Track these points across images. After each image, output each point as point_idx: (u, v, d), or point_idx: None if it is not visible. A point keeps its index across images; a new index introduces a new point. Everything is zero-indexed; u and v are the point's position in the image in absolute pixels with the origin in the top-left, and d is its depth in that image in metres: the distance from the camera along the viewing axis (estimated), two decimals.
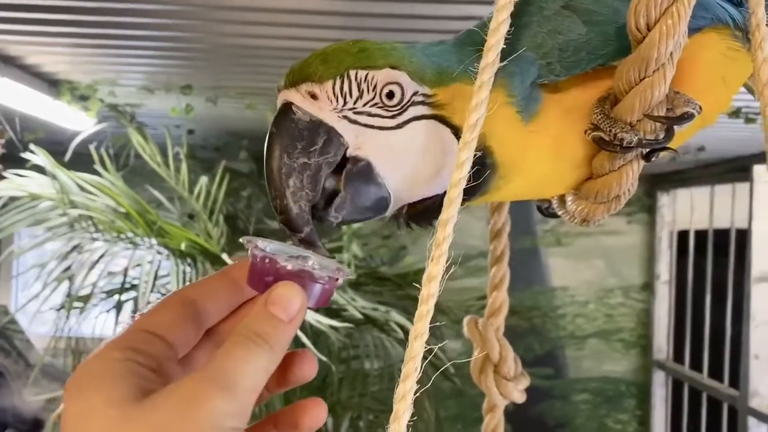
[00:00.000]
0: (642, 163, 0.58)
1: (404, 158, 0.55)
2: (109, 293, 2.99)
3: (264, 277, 0.50)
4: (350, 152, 0.54)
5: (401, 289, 3.28)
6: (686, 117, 0.54)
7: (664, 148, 0.56)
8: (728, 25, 0.59)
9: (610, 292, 4.64)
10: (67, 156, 2.89)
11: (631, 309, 4.63)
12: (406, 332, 2.93)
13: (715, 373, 3.93)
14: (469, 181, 0.51)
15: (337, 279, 0.52)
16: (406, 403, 0.51)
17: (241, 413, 0.44)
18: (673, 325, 4.48)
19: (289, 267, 0.50)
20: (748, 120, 2.65)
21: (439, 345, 0.56)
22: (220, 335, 0.52)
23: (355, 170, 0.54)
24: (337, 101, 0.53)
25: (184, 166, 3.07)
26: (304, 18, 1.94)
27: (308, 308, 0.51)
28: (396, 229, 0.62)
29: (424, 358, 0.55)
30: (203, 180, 3.09)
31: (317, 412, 0.53)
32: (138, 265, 2.95)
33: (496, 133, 0.54)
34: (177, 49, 2.29)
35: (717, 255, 4.04)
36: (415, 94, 0.55)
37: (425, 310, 0.52)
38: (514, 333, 4.59)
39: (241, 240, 0.54)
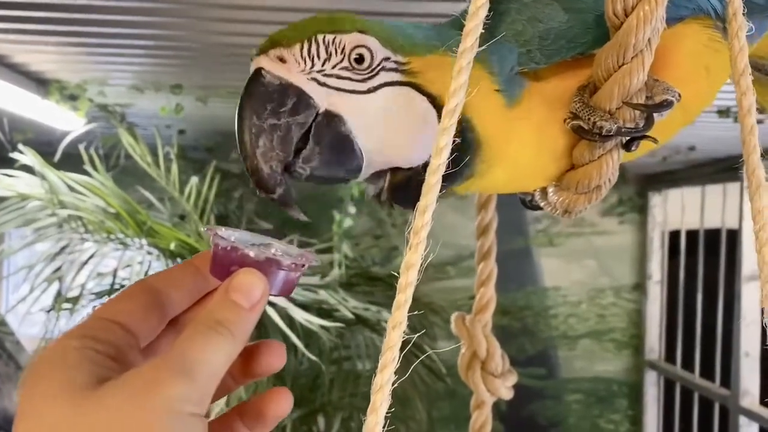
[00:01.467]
0: (622, 152, 0.58)
1: (378, 122, 0.55)
2: (99, 294, 2.97)
3: (226, 265, 0.50)
4: (322, 108, 0.54)
5: (393, 290, 3.26)
6: (665, 104, 0.54)
7: (644, 137, 0.56)
8: (710, 15, 0.59)
9: (602, 292, 4.65)
10: (57, 156, 2.88)
11: (623, 309, 4.63)
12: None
13: (707, 372, 3.95)
14: (452, 154, 0.50)
15: (303, 266, 0.51)
16: (383, 394, 0.50)
17: (200, 399, 0.43)
18: (665, 325, 4.49)
19: (252, 254, 0.49)
20: (764, 108, 2.66)
21: (416, 335, 0.55)
22: (184, 325, 0.52)
23: (325, 122, 0.54)
24: (305, 63, 0.54)
25: (174, 167, 3.06)
26: (296, 16, 1.94)
27: (273, 295, 0.50)
28: (379, 206, 0.61)
29: (412, 354, 0.55)
30: (194, 180, 3.08)
31: (282, 401, 0.52)
32: (128, 265, 2.94)
33: (478, 106, 0.54)
34: (167, 48, 2.28)
35: (708, 255, 4.05)
36: (386, 59, 0.55)
37: (403, 299, 0.51)
38: (507, 333, 4.59)
39: (201, 229, 0.53)
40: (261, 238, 0.53)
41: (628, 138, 0.56)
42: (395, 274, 0.54)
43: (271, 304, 2.64)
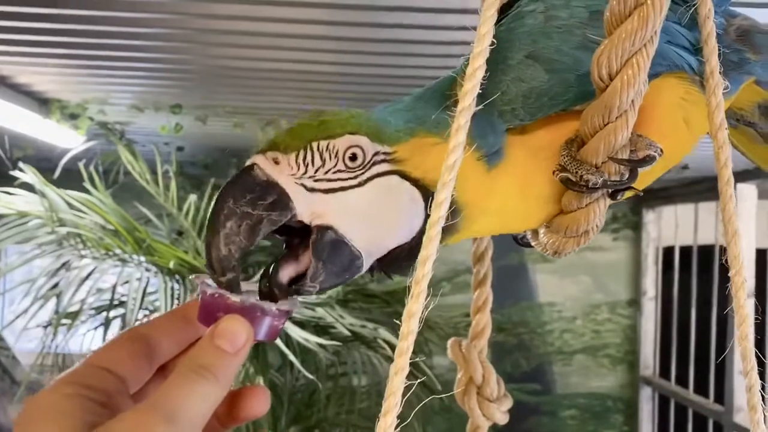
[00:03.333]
0: (608, 201, 0.61)
1: (368, 216, 0.57)
2: (98, 310, 2.99)
3: (213, 312, 0.52)
4: (312, 221, 0.56)
5: (389, 306, 3.30)
6: (648, 159, 0.57)
7: (629, 188, 0.59)
8: (685, 70, 0.62)
9: (597, 308, 4.68)
10: (56, 173, 2.90)
11: (617, 325, 4.66)
12: (394, 349, 2.94)
13: (701, 388, 3.97)
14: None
15: (288, 312, 0.53)
16: None
17: None
18: (660, 341, 4.51)
19: (237, 301, 0.51)
20: (744, 155, 2.71)
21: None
22: (172, 371, 0.53)
23: (321, 238, 0.56)
24: (299, 169, 0.56)
25: (173, 183, 3.08)
26: (290, 42, 1.98)
27: (257, 341, 0.53)
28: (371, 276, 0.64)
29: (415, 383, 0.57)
30: (192, 197, 3.11)
31: (260, 396, 0.54)
32: (126, 282, 2.96)
33: (459, 180, 0.57)
34: (167, 69, 2.32)
35: (702, 271, 4.08)
36: (376, 154, 0.57)
37: (405, 346, 0.53)
38: (502, 349, 4.62)
39: (190, 278, 0.55)
40: (249, 285, 0.55)
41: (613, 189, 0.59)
42: (404, 295, 0.55)
43: None
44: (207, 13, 1.78)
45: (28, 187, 2.85)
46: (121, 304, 2.97)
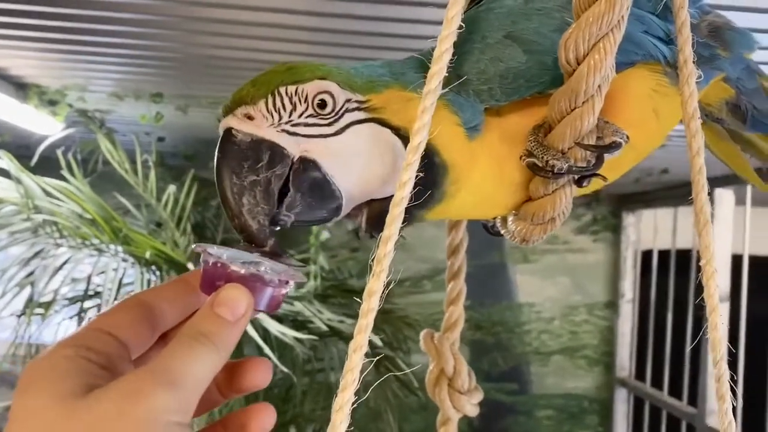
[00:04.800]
0: (574, 188, 0.61)
1: (351, 160, 0.57)
2: (72, 300, 2.95)
3: (215, 281, 0.52)
4: (296, 155, 0.56)
5: None
6: (614, 146, 0.57)
7: (595, 174, 0.59)
8: (659, 61, 0.63)
9: (575, 309, 4.71)
10: (34, 160, 2.86)
11: (595, 326, 4.70)
12: (371, 345, 2.94)
13: (675, 391, 4.01)
14: (422, 183, 0.53)
15: (287, 282, 0.53)
16: (343, 414, 0.53)
17: (183, 409, 0.45)
18: (636, 343, 4.55)
19: (240, 271, 0.51)
20: (712, 152, 2.74)
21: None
22: None
23: (302, 168, 0.56)
24: (273, 117, 0.56)
25: (152, 174, 3.05)
26: (276, 32, 1.97)
27: (260, 312, 0.53)
28: (359, 240, 0.64)
29: (384, 368, 0.57)
30: (171, 188, 3.08)
31: (265, 417, 0.54)
32: (102, 272, 2.93)
33: (442, 135, 0.57)
34: (148, 57, 2.29)
35: (679, 275, 4.13)
36: (348, 101, 0.57)
37: (365, 323, 0.54)
38: (480, 347, 4.63)
39: (192, 246, 0.56)
40: (251, 256, 0.55)
41: (579, 175, 0.59)
42: (384, 291, 0.55)
43: None
44: (191, 0, 1.77)
45: (4, 173, 2.81)
46: (97, 294, 2.93)
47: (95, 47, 2.19)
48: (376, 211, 0.59)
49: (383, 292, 0.53)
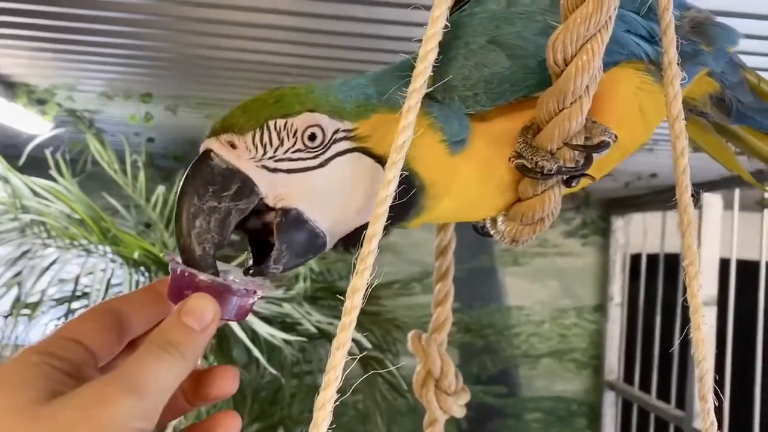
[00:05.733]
0: (563, 188, 0.61)
1: (332, 196, 0.57)
2: (60, 301, 2.93)
3: (183, 290, 0.52)
4: (276, 203, 0.55)
5: None
6: (603, 145, 0.58)
7: (583, 175, 0.59)
8: (642, 60, 0.63)
9: (564, 313, 4.72)
10: (22, 160, 2.84)
11: (584, 329, 4.71)
12: (360, 347, 2.94)
13: (663, 394, 4.03)
14: (398, 199, 0.53)
15: (255, 292, 0.53)
16: (325, 412, 0.53)
17: (147, 416, 0.45)
18: (624, 347, 4.57)
19: (207, 280, 0.52)
20: (697, 149, 2.76)
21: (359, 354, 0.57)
22: None
23: (285, 221, 0.55)
24: (257, 151, 0.55)
25: (141, 174, 3.04)
26: (266, 32, 1.96)
27: (226, 320, 0.52)
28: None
29: (373, 369, 0.57)
30: (161, 189, 3.06)
31: (231, 424, 0.54)
32: (90, 273, 2.90)
33: (422, 157, 0.57)
34: (138, 57, 2.28)
35: (667, 279, 4.15)
36: (336, 131, 0.57)
37: (348, 321, 0.54)
38: (469, 350, 4.63)
39: (161, 255, 0.55)
40: (222, 265, 0.55)
41: (568, 176, 0.59)
42: (374, 293, 0.55)
43: None
44: (181, 0, 1.76)
45: None
46: (85, 295, 2.91)
47: (85, 46, 2.18)
48: (352, 235, 0.59)
49: (366, 291, 0.52)
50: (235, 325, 2.62)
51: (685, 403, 3.65)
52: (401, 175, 0.52)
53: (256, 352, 2.61)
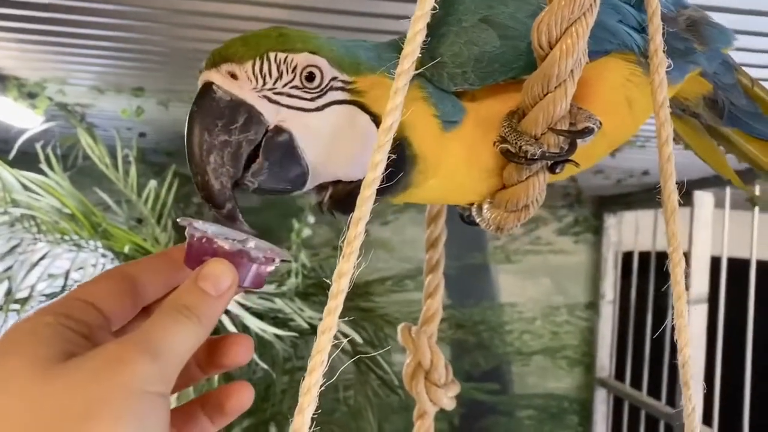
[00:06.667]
0: (548, 174, 0.61)
1: (324, 138, 0.57)
2: (49, 296, 2.92)
3: (200, 256, 0.52)
4: (272, 123, 0.55)
5: (350, 301, 3.28)
6: (587, 131, 0.58)
7: (567, 161, 0.59)
8: (633, 51, 0.63)
9: (556, 310, 4.73)
10: (12, 154, 2.83)
11: (576, 327, 4.72)
12: (353, 344, 2.94)
13: (654, 391, 4.04)
14: (390, 170, 0.53)
15: (273, 259, 0.53)
16: (311, 396, 0.53)
17: (163, 379, 0.45)
18: (616, 344, 4.59)
19: (226, 246, 0.51)
20: (688, 146, 2.77)
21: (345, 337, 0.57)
22: None
23: (275, 138, 0.55)
24: (257, 81, 0.55)
25: (133, 169, 3.03)
26: (260, 26, 1.95)
27: (243, 288, 0.53)
28: (322, 213, 0.63)
29: (366, 366, 0.57)
30: (152, 184, 3.05)
31: (243, 395, 0.54)
32: (80, 268, 2.89)
33: (415, 127, 0.57)
34: (130, 50, 2.27)
35: (659, 277, 4.16)
36: (333, 79, 0.57)
37: (334, 305, 0.54)
38: (462, 347, 4.64)
39: (178, 220, 0.55)
40: (236, 233, 0.55)
41: (552, 162, 0.59)
42: (365, 290, 0.55)
43: (226, 311, 2.63)
44: None
45: None
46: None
47: (76, 39, 2.17)
48: (340, 191, 0.59)
49: (353, 274, 0.52)
50: (225, 319, 2.62)
51: (675, 400, 3.67)
52: (394, 143, 0.52)
53: None
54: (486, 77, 0.59)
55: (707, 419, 3.27)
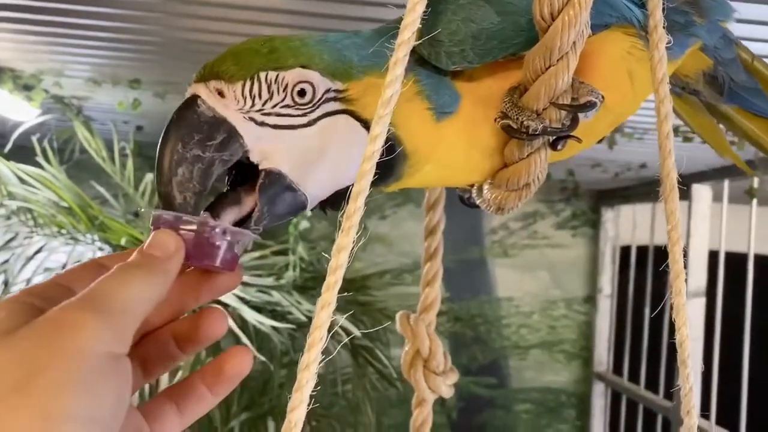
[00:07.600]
0: (549, 151, 0.60)
1: (316, 156, 0.56)
2: None
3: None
4: (259, 163, 0.55)
5: (348, 293, 3.28)
6: (589, 105, 0.57)
7: (569, 136, 0.59)
8: (634, 24, 0.63)
9: (553, 304, 4.74)
10: (8, 147, 2.81)
11: (573, 321, 4.73)
12: (351, 337, 2.93)
13: (652, 385, 4.05)
14: (380, 166, 0.52)
15: (239, 242, 0.53)
16: (309, 373, 0.52)
17: (117, 338, 0.43)
18: (614, 338, 4.59)
19: (187, 227, 0.51)
20: (686, 139, 2.76)
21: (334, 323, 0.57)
22: None
23: (268, 182, 0.55)
24: (245, 102, 0.54)
25: (130, 162, 3.02)
26: (258, 15, 1.94)
27: (215, 267, 0.52)
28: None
29: (364, 359, 0.56)
30: (149, 177, 3.04)
31: (241, 358, 0.53)
32: (77, 261, 2.88)
33: (407, 125, 0.56)
34: (126, 41, 2.26)
35: (656, 270, 4.16)
36: (327, 91, 0.56)
37: (333, 280, 0.53)
38: (459, 341, 4.64)
39: (142, 210, 0.54)
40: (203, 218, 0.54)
41: (554, 137, 0.59)
42: (363, 283, 0.54)
43: (224, 304, 2.62)
44: None
45: None
46: None
47: (72, 29, 2.16)
48: (331, 196, 0.59)
49: (352, 250, 0.52)
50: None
51: (673, 394, 3.67)
52: (384, 143, 0.51)
53: (244, 339, 2.60)
54: (485, 55, 0.58)
55: (705, 411, 3.28)
